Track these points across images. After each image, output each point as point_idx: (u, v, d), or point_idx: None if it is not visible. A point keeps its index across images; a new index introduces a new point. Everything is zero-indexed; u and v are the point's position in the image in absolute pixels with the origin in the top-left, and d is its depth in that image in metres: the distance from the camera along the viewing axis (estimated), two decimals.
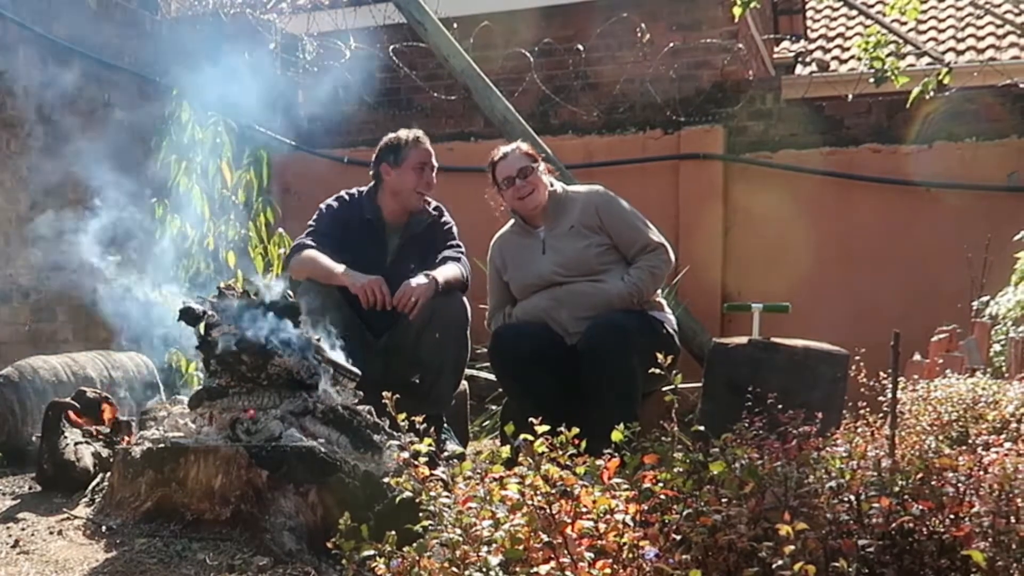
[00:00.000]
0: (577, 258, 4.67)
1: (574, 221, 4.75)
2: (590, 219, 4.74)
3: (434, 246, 5.01)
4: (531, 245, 4.85)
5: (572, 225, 4.75)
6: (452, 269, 4.84)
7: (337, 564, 2.93)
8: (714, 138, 8.52)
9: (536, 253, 4.80)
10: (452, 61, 7.78)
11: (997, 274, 6.42)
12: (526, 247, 4.87)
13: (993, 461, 2.35)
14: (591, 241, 4.69)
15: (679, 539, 2.09)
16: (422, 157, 4.99)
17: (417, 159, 4.97)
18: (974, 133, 7.79)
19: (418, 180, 4.96)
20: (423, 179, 4.98)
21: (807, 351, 3.96)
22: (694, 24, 8.90)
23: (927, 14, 12.20)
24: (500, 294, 5.02)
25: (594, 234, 4.71)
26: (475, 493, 2.18)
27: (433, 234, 5.06)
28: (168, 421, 3.81)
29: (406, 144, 5.00)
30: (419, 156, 4.98)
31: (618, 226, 4.74)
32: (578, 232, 4.72)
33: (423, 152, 5.00)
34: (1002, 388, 4.19)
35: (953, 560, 2.11)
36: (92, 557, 3.11)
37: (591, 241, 4.69)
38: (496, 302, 5.04)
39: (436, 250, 4.99)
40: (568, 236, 4.74)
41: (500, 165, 4.96)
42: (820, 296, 7.55)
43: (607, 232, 4.72)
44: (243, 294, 3.79)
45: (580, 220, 4.74)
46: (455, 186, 8.97)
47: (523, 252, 4.88)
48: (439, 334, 4.65)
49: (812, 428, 2.60)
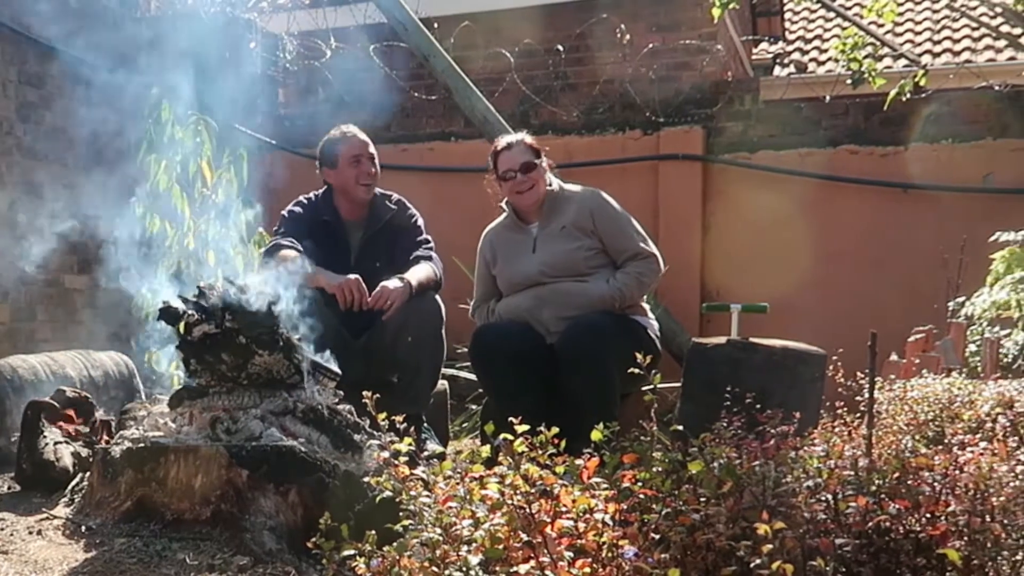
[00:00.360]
0: (566, 260, 4.65)
1: (567, 222, 4.73)
2: (583, 221, 4.71)
3: (399, 241, 5.01)
4: (522, 242, 4.83)
5: (564, 225, 4.72)
6: (424, 270, 4.85)
7: (317, 564, 2.93)
8: (693, 139, 8.55)
9: (526, 251, 4.78)
10: (433, 61, 7.78)
11: (973, 275, 6.47)
12: (517, 243, 4.85)
13: (969, 460, 2.37)
14: (582, 244, 4.67)
15: (658, 538, 2.10)
16: (353, 150, 5.00)
17: (349, 153, 4.99)
18: (950, 135, 7.85)
19: (357, 173, 4.98)
20: (361, 170, 4.99)
21: (785, 351, 3.98)
22: (673, 25, 8.94)
23: (904, 16, 12.28)
24: (486, 287, 5.00)
25: (585, 237, 4.69)
26: (455, 492, 2.18)
27: (397, 229, 5.06)
28: (148, 420, 3.79)
29: (336, 142, 5.05)
30: (350, 150, 5.00)
31: (611, 231, 4.72)
32: (569, 233, 4.70)
33: (353, 145, 5.02)
34: (978, 388, 4.23)
35: (929, 559, 2.13)
36: (72, 557, 3.10)
37: (582, 244, 4.67)
38: (481, 294, 5.02)
39: (402, 246, 4.99)
40: (559, 236, 4.71)
41: (503, 156, 4.87)
42: (798, 297, 7.58)
43: (599, 236, 4.69)
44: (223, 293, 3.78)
45: (573, 221, 4.72)
46: (436, 186, 9.04)
47: (513, 248, 4.85)
48: (414, 335, 4.65)
49: (790, 428, 2.61)
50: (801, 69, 11.86)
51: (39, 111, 7.14)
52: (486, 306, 4.97)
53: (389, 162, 9.41)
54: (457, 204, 8.40)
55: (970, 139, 7.84)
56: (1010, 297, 5.45)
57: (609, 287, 4.59)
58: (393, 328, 4.61)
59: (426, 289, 4.76)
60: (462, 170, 9.07)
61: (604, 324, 4.43)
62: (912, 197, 7.93)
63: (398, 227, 5.06)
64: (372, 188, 5.03)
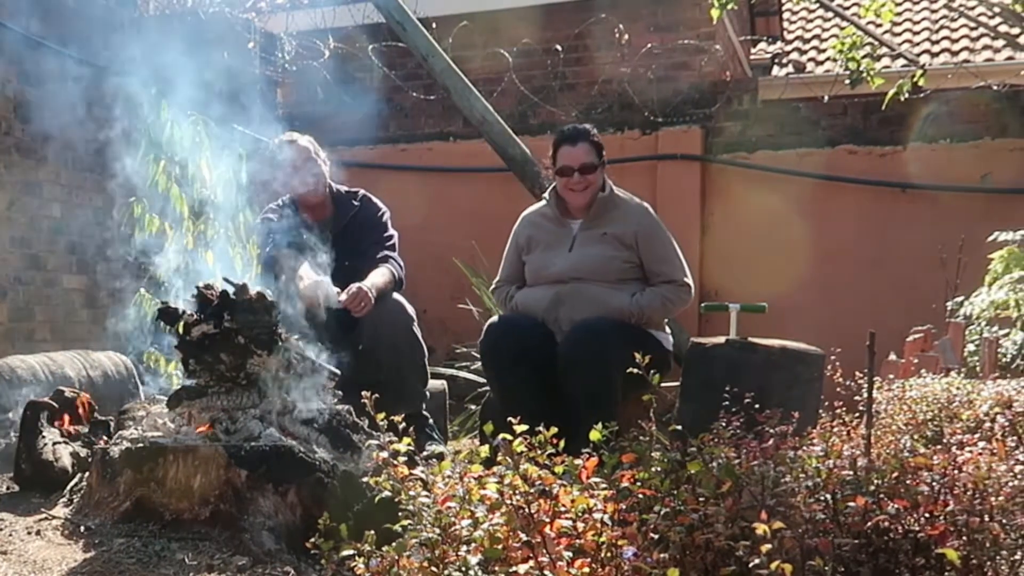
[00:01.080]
0: (600, 266, 4.62)
1: (610, 229, 4.68)
2: (627, 235, 4.66)
3: (366, 238, 5.11)
4: (561, 237, 4.78)
5: (606, 232, 4.68)
6: (382, 275, 4.93)
7: (316, 564, 2.93)
8: (692, 139, 8.57)
9: (563, 247, 4.74)
10: (431, 61, 7.78)
11: (971, 275, 6.48)
12: (555, 237, 4.80)
13: (967, 460, 2.37)
14: (619, 254, 4.64)
15: (657, 538, 2.11)
16: (290, 160, 5.13)
17: (287, 164, 5.13)
18: (948, 135, 7.88)
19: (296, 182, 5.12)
20: (299, 179, 5.11)
21: (784, 351, 3.98)
22: (672, 26, 8.95)
23: (902, 16, 12.25)
24: (512, 269, 4.95)
25: (625, 249, 4.65)
26: (454, 492, 2.19)
27: (361, 225, 5.16)
28: (147, 421, 3.79)
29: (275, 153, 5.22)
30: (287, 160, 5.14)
31: (652, 254, 4.68)
32: (610, 241, 4.66)
33: (288, 155, 5.16)
34: (976, 388, 4.24)
35: (928, 558, 2.13)
36: (70, 557, 3.10)
37: (619, 254, 4.64)
38: (506, 276, 4.98)
39: (369, 242, 5.10)
40: (599, 242, 4.67)
41: (565, 149, 4.79)
42: (797, 296, 7.60)
43: (639, 254, 4.67)
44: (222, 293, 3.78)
45: (617, 232, 4.67)
46: (435, 186, 9.05)
47: (552, 241, 4.80)
48: (388, 339, 4.78)
49: (789, 427, 2.62)
50: (799, 69, 11.84)
51: (37, 110, 7.12)
52: (507, 289, 4.93)
53: (388, 162, 9.47)
54: (456, 204, 8.43)
55: (968, 139, 7.86)
56: (1008, 297, 5.46)
57: (632, 302, 4.56)
58: (369, 332, 4.69)
59: (384, 294, 4.83)
60: (461, 170, 9.09)
61: (609, 329, 4.39)
62: (910, 197, 7.94)
63: (364, 223, 5.15)
64: (315, 191, 5.16)
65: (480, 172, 8.79)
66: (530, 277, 4.84)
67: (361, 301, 4.66)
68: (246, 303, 3.65)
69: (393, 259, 5.08)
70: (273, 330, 3.67)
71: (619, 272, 4.63)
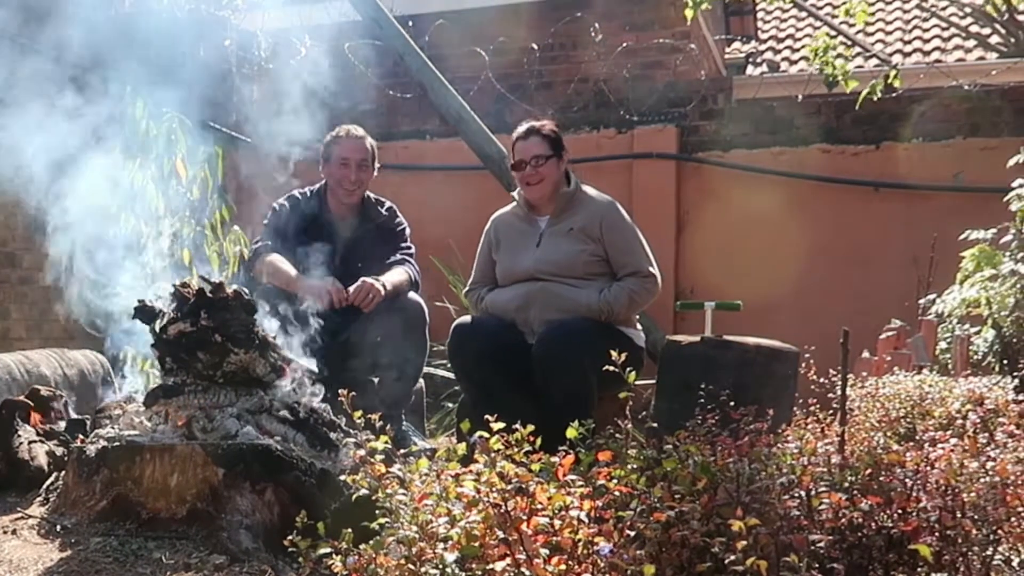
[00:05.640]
0: (566, 261, 4.64)
1: (576, 224, 4.71)
2: (592, 227, 4.69)
3: (384, 246, 5.06)
4: (528, 234, 4.81)
5: (572, 227, 4.71)
6: (399, 274, 4.92)
7: (294, 562, 2.93)
8: (667, 137, 8.59)
9: (530, 244, 4.77)
10: (407, 59, 7.78)
11: (943, 273, 6.52)
12: (522, 234, 4.83)
13: (940, 457, 2.39)
14: (585, 248, 4.66)
15: (633, 535, 2.12)
16: (344, 153, 5.06)
17: (340, 155, 5.06)
18: (921, 134, 7.93)
19: (342, 175, 5.04)
20: (345, 174, 5.04)
21: (758, 349, 4.01)
22: (647, 24, 8.98)
23: (875, 16, 12.35)
24: (484, 270, 4.98)
25: (591, 242, 4.67)
26: (431, 490, 2.19)
27: (384, 236, 5.10)
28: (123, 419, 3.78)
29: (333, 141, 5.12)
30: (341, 152, 5.06)
31: (617, 244, 4.70)
32: (576, 236, 4.68)
33: (344, 148, 5.07)
34: (948, 385, 4.28)
35: (901, 554, 2.15)
36: (47, 556, 3.09)
37: (585, 248, 4.66)
38: (478, 278, 5.00)
39: (385, 251, 5.05)
40: (565, 237, 4.70)
41: (518, 144, 4.88)
42: (772, 294, 7.62)
43: (604, 245, 4.69)
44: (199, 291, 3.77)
45: (582, 225, 4.70)
46: (411, 184, 9.04)
47: (518, 239, 4.84)
48: (400, 335, 4.71)
49: (763, 425, 2.64)
50: (774, 68, 11.93)
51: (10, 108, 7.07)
52: (479, 292, 4.95)
53: None
54: (432, 202, 8.40)
55: (941, 138, 7.92)
56: (980, 295, 5.50)
57: (600, 298, 4.56)
58: (378, 328, 4.65)
59: (400, 292, 4.80)
60: (437, 168, 9.08)
61: (582, 329, 4.41)
62: (883, 196, 8.00)
63: (385, 232, 5.10)
64: (354, 194, 5.08)
65: (457, 170, 8.79)
66: (500, 276, 4.87)
67: (368, 294, 4.64)
68: (223, 301, 3.65)
69: (411, 263, 5.07)
70: (250, 328, 3.67)
71: (585, 266, 4.65)
